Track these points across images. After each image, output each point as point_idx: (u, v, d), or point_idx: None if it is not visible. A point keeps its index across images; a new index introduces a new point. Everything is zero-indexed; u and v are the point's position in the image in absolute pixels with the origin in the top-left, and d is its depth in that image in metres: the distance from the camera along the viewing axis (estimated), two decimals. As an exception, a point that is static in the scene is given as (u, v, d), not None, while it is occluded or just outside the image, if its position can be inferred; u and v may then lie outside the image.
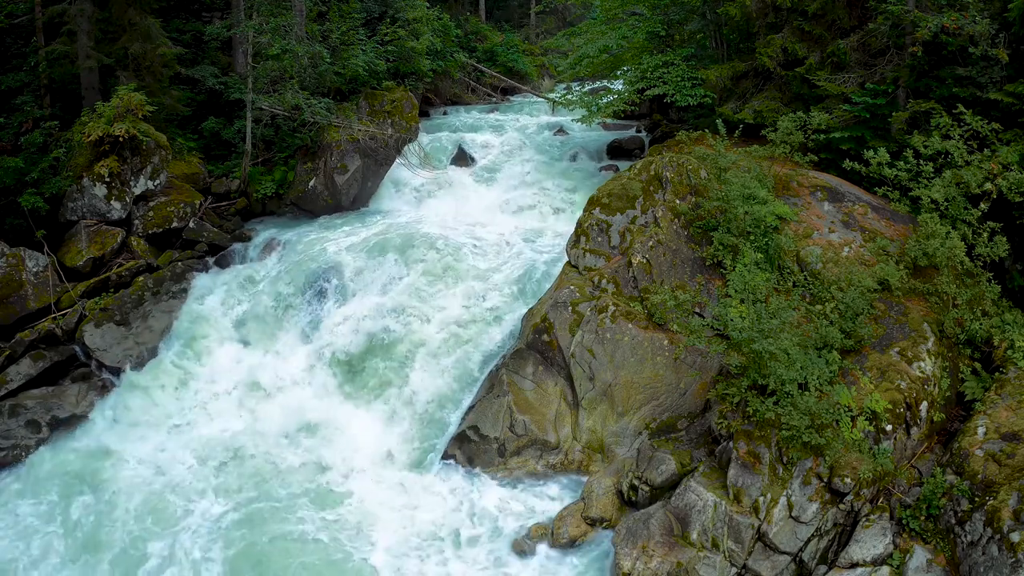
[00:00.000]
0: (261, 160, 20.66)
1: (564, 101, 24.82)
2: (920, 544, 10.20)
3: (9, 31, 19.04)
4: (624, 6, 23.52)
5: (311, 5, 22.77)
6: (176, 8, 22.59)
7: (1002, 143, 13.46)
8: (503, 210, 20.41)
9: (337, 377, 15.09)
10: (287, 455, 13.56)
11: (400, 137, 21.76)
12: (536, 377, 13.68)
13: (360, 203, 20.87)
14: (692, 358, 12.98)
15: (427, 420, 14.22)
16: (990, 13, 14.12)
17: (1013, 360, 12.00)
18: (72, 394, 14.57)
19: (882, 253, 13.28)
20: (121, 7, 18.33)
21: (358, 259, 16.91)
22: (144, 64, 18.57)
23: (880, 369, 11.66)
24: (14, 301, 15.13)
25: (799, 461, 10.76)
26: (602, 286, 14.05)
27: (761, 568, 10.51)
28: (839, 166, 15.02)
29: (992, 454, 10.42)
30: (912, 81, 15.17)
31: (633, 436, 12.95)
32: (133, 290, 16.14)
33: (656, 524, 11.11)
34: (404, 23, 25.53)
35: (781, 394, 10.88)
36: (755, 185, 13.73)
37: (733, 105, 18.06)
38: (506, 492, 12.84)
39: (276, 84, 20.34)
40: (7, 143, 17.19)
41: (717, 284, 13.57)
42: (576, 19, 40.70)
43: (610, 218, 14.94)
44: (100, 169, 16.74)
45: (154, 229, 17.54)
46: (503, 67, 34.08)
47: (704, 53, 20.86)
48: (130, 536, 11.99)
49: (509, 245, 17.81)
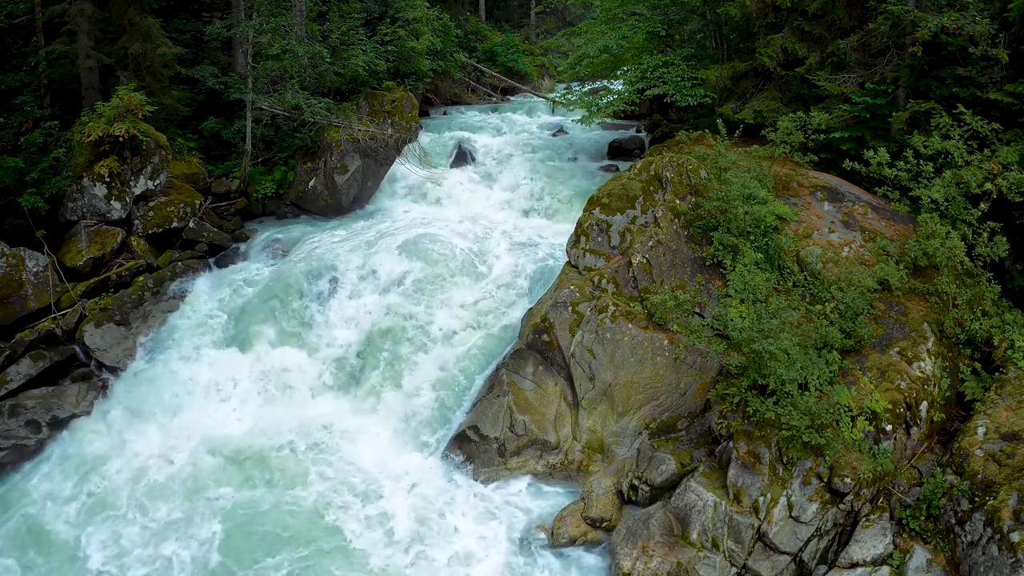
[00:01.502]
0: (261, 160, 20.67)
1: (564, 101, 24.84)
2: (920, 544, 10.21)
3: (9, 31, 19.03)
4: (624, 6, 23.53)
5: (311, 5, 22.78)
6: (176, 8, 22.59)
7: (1002, 143, 13.46)
8: (503, 210, 20.42)
9: (336, 376, 15.09)
10: (286, 454, 13.55)
11: (400, 137, 21.76)
12: (536, 377, 13.68)
13: (360, 203, 20.87)
14: (692, 358, 12.99)
15: (427, 419, 14.21)
16: (990, 13, 14.12)
17: (1013, 360, 12.00)
18: (72, 394, 14.56)
19: (882, 253, 13.28)
20: (121, 7, 18.32)
21: (358, 259, 16.92)
22: (144, 64, 18.56)
23: (880, 369, 11.66)
24: (14, 301, 15.11)
25: (799, 461, 10.77)
26: (602, 286, 14.05)
27: (761, 568, 10.52)
28: (839, 166, 15.02)
29: (992, 454, 10.42)
30: (912, 81, 15.17)
31: (633, 436, 12.95)
32: (133, 290, 16.13)
33: (656, 524, 11.12)
34: (404, 23, 25.54)
35: (781, 394, 10.88)
36: (755, 185, 13.73)
37: (733, 105, 18.06)
38: (506, 492, 12.85)
39: (276, 84, 20.35)
40: (7, 143, 17.18)
41: (717, 284, 13.57)
42: (576, 19, 40.69)
43: (610, 218, 14.94)
44: (100, 169, 16.73)
45: (154, 229, 17.54)
46: (503, 67, 34.09)
47: (704, 53, 20.87)
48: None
49: (509, 245, 17.81)
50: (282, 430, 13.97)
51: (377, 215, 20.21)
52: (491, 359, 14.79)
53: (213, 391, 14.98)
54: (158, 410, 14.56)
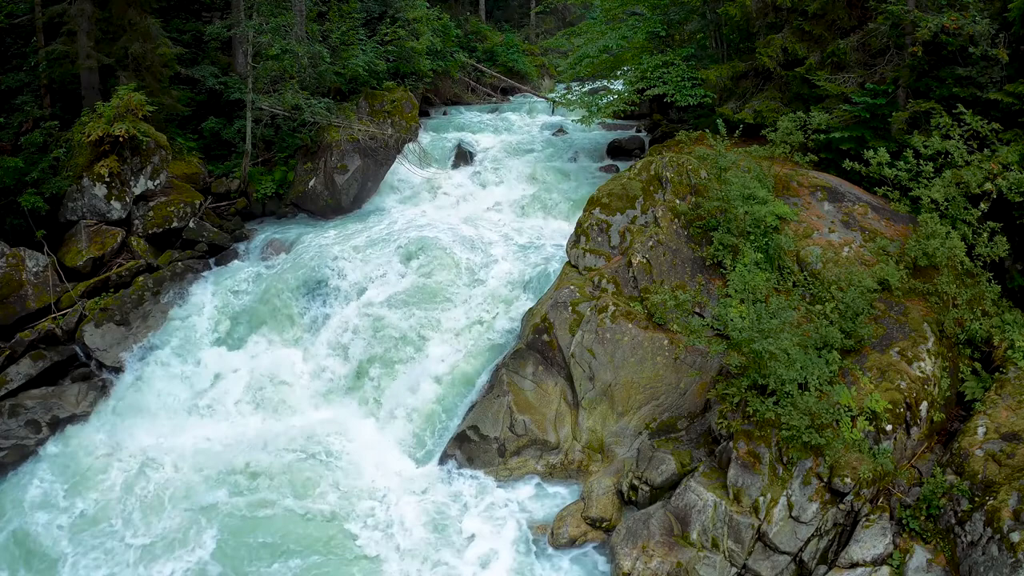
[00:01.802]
0: (261, 160, 20.67)
1: (564, 101, 24.84)
2: (920, 544, 10.21)
3: (9, 31, 19.04)
4: (624, 6, 23.53)
5: (311, 5, 22.78)
6: (176, 8, 22.60)
7: (1002, 143, 13.46)
8: (503, 210, 20.42)
9: (336, 376, 15.08)
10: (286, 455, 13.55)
11: (400, 137, 21.76)
12: (536, 377, 13.68)
13: (360, 203, 20.88)
14: (692, 358, 12.98)
15: (426, 419, 14.21)
16: (990, 13, 14.13)
17: (1013, 360, 12.00)
18: (72, 394, 14.57)
19: (882, 253, 13.28)
20: (121, 7, 18.32)
21: (357, 259, 16.91)
22: (144, 64, 18.56)
23: (880, 369, 11.66)
24: (14, 301, 15.12)
25: (799, 461, 10.76)
26: (602, 286, 14.05)
27: (761, 568, 10.52)
28: (839, 166, 15.02)
29: (992, 454, 10.42)
30: (912, 81, 15.16)
31: (633, 436, 12.95)
32: (133, 290, 16.13)
33: (656, 524, 11.12)
34: (404, 23, 25.55)
35: (781, 394, 10.88)
36: (755, 185, 13.73)
37: (733, 105, 18.06)
38: (506, 492, 12.85)
39: (276, 84, 20.35)
40: (7, 143, 17.19)
41: (717, 284, 13.57)
42: (576, 19, 40.69)
43: (610, 218, 14.94)
44: (100, 169, 16.73)
45: (154, 229, 17.54)
46: (503, 67, 34.11)
47: (704, 53, 20.87)
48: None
49: (509, 245, 17.80)
50: (281, 434, 13.96)
51: (377, 215, 20.20)
52: (491, 359, 14.78)
53: (213, 392, 14.98)
54: (158, 411, 14.57)
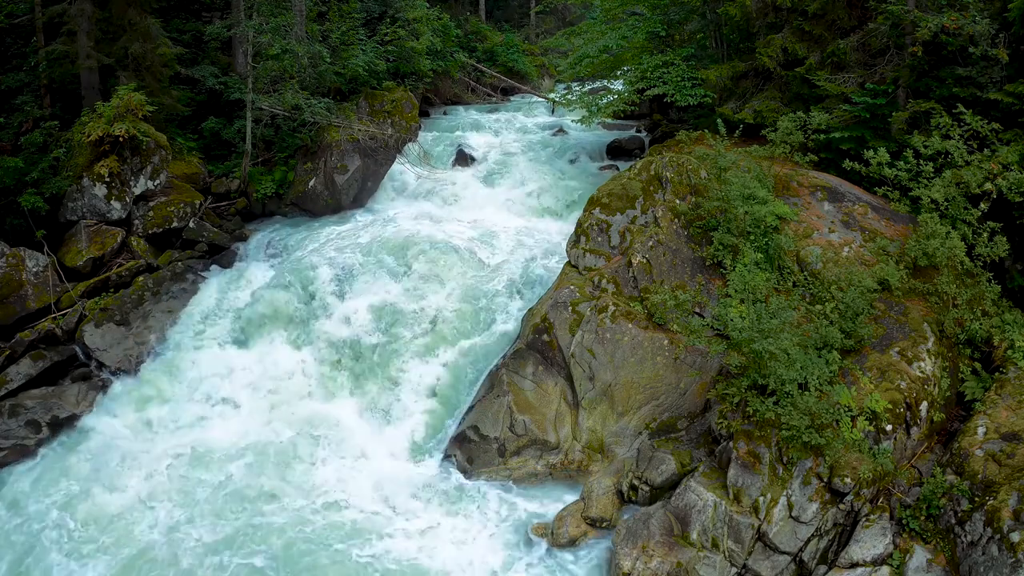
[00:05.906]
0: (261, 160, 20.67)
1: (564, 101, 24.83)
2: (920, 544, 10.21)
3: (9, 31, 19.04)
4: (624, 6, 23.52)
5: (311, 5, 22.78)
6: (176, 8, 22.60)
7: (1002, 143, 13.46)
8: (503, 210, 20.39)
9: (336, 376, 15.07)
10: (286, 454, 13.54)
11: (400, 137, 21.76)
12: (536, 377, 13.68)
13: (360, 203, 20.87)
14: (692, 358, 12.99)
15: (426, 419, 14.21)
16: (990, 13, 14.13)
17: (1013, 360, 12.00)
18: (72, 394, 14.57)
19: (882, 253, 13.29)
20: (121, 7, 18.32)
21: (357, 259, 16.91)
22: (144, 64, 18.56)
23: (880, 369, 11.66)
24: (14, 301, 15.12)
25: (799, 461, 10.76)
26: (602, 286, 14.05)
27: (761, 568, 10.52)
28: (839, 166, 15.02)
29: (992, 454, 10.42)
30: (912, 81, 15.17)
31: (633, 436, 12.95)
32: (133, 290, 16.13)
33: (656, 524, 11.11)
34: (404, 23, 25.55)
35: (781, 394, 10.88)
36: (755, 185, 13.73)
37: (733, 105, 18.06)
38: (506, 492, 12.85)
39: (276, 84, 20.35)
40: (7, 143, 17.19)
41: (717, 284, 13.57)
42: (576, 19, 40.67)
43: (610, 218, 14.94)
44: (100, 169, 16.73)
45: (154, 229, 17.54)
46: (503, 67, 34.10)
47: (704, 53, 20.86)
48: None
49: (508, 245, 17.80)
50: (283, 436, 13.95)
51: (377, 215, 20.20)
52: (490, 359, 14.78)
53: (212, 393, 14.97)
54: (157, 411, 14.57)
